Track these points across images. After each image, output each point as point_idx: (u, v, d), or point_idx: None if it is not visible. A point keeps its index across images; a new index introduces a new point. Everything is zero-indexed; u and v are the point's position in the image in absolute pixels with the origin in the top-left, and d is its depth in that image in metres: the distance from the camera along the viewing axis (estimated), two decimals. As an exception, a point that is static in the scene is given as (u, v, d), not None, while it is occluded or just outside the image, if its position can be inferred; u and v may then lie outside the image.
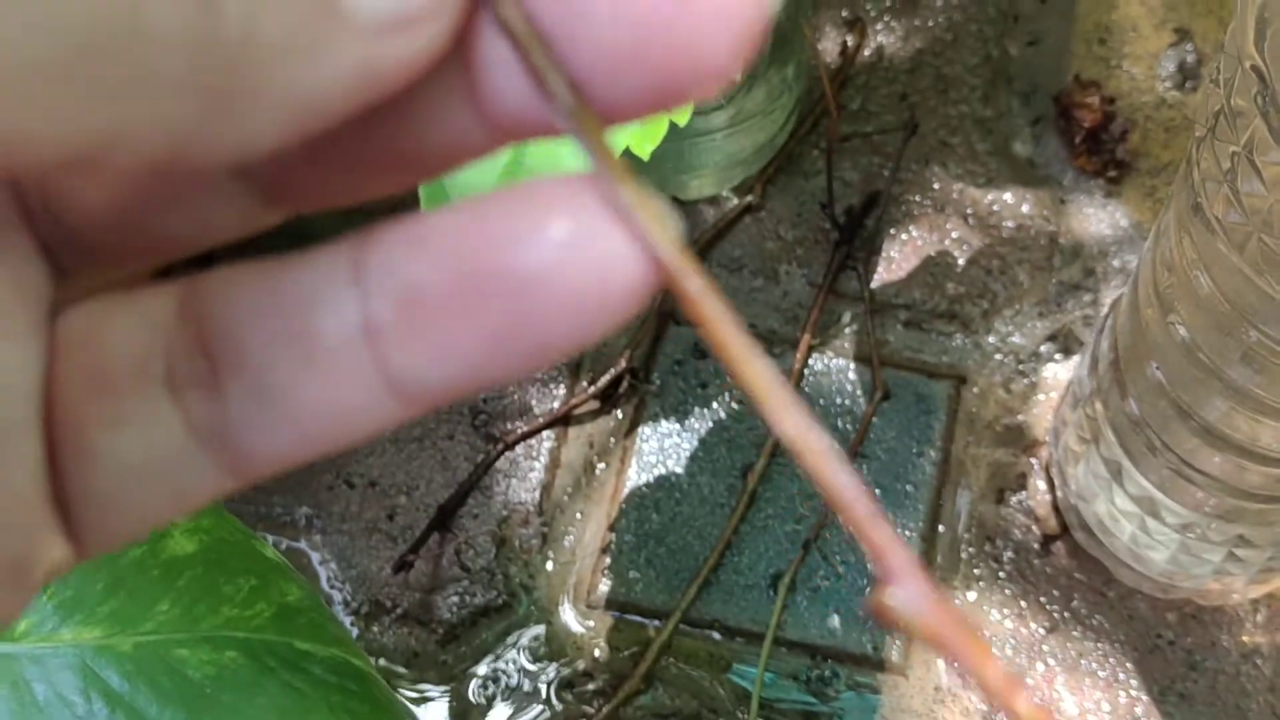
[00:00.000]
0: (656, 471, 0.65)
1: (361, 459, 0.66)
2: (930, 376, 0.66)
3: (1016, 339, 0.67)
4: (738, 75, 0.19)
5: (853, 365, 0.66)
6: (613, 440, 0.66)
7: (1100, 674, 0.61)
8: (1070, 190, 0.69)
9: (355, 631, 0.64)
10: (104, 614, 0.39)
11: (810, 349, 0.66)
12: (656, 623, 0.62)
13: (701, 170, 0.67)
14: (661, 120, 0.33)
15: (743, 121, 0.65)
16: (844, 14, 0.73)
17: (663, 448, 0.65)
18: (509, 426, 0.66)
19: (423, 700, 0.62)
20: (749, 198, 0.69)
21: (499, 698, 0.62)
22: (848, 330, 0.67)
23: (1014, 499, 0.64)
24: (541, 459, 0.66)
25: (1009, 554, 0.63)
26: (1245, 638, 0.61)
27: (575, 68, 0.15)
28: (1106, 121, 0.69)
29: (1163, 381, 0.50)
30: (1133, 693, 0.60)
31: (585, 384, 0.66)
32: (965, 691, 0.61)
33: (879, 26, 0.73)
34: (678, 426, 0.65)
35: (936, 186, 0.69)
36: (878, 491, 0.64)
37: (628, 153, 0.36)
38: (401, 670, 0.63)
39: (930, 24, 0.73)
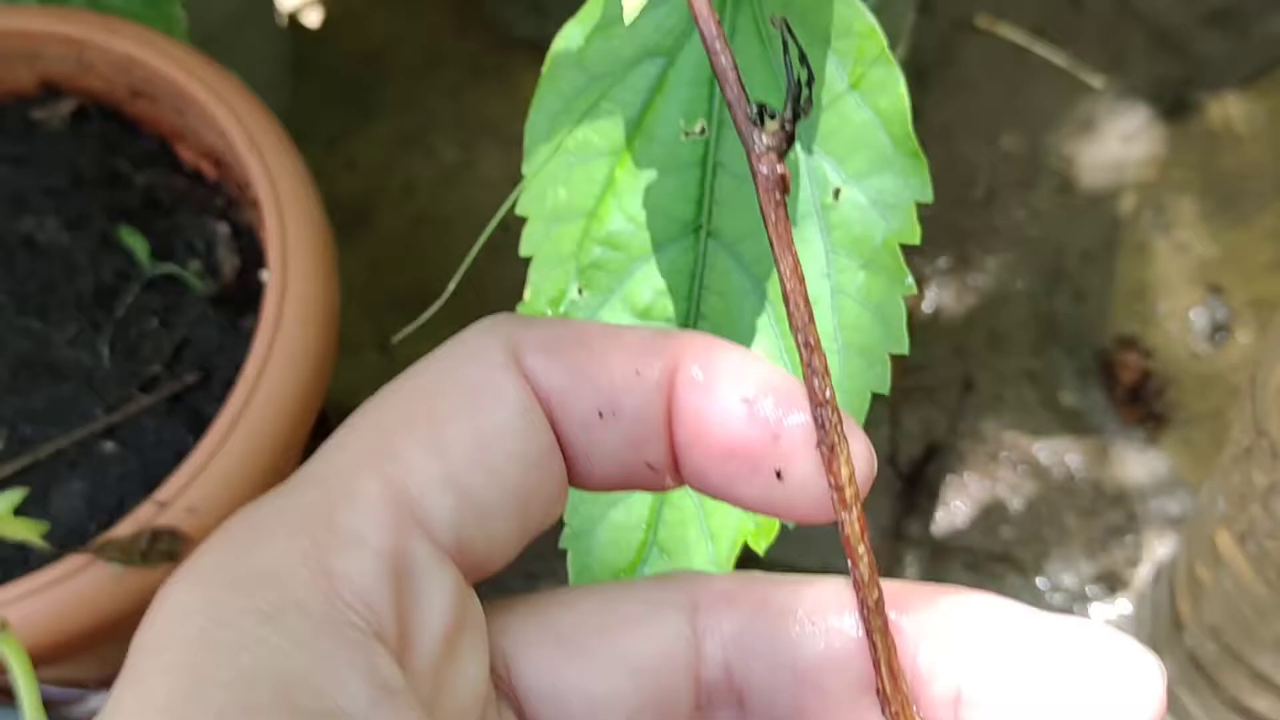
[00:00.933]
0: None
1: None
2: (987, 615, 0.72)
3: (1066, 580, 0.73)
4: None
5: (916, 605, 0.73)
6: None
7: None
8: (1113, 439, 0.76)
9: None
10: None
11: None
12: None
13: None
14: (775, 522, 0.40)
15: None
16: (903, 274, 0.80)
17: None
18: None
19: None
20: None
21: None
22: (911, 572, 0.74)
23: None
24: None
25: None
26: None
27: None
28: (1145, 378, 0.76)
29: (1216, 628, 0.56)
30: None
31: None
32: None
33: (935, 285, 0.80)
34: None
35: (991, 436, 0.76)
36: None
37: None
38: None
39: (982, 282, 0.80)
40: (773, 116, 0.22)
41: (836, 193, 0.40)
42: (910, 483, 0.75)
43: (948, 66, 0.85)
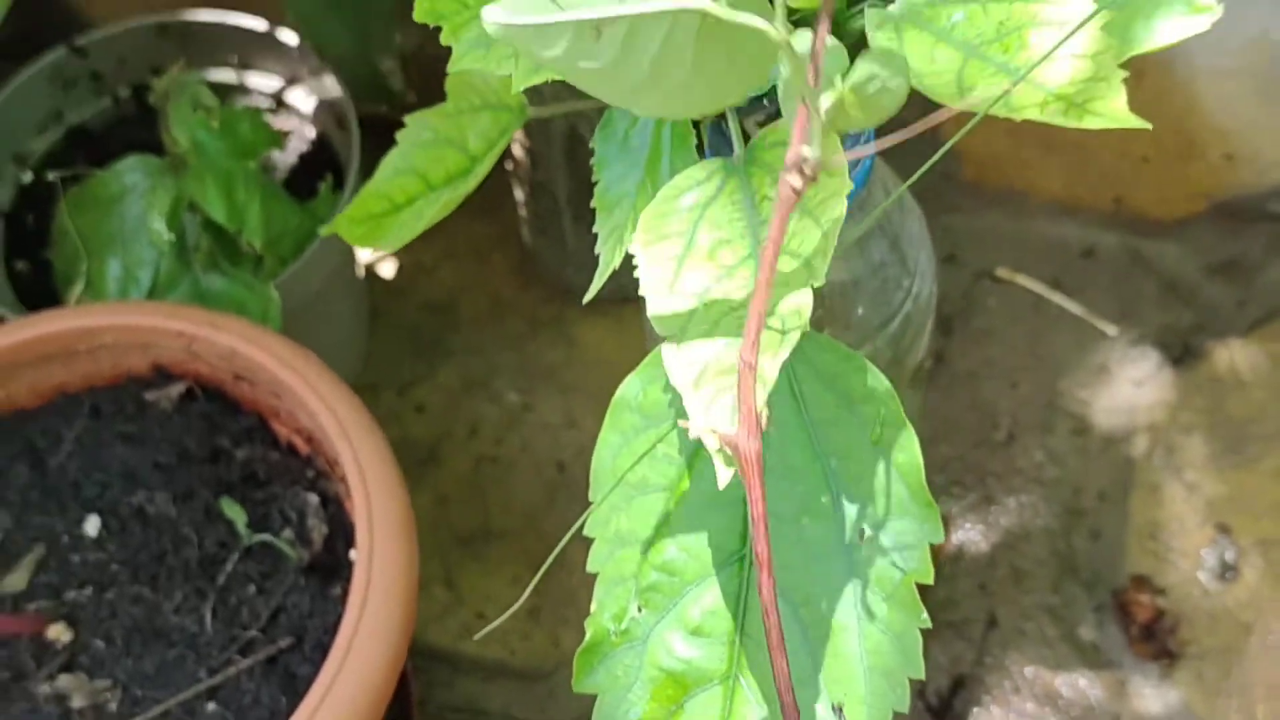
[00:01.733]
0: None
1: None
2: (1013, 844, 0.77)
3: (1087, 810, 0.78)
4: None
5: (946, 834, 0.78)
6: None
7: None
8: (1129, 673, 0.81)
9: None
10: None
11: (909, 819, 0.78)
12: None
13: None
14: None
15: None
16: (931, 512, 0.86)
17: None
18: None
19: None
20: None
21: None
22: (941, 801, 0.79)
23: None
24: None
25: None
26: None
27: None
28: (1158, 616, 0.82)
29: None
30: None
31: None
32: None
33: (961, 523, 0.86)
34: None
35: (1014, 669, 0.81)
36: None
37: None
38: None
39: (1004, 520, 0.86)
40: None
41: (862, 534, 0.47)
42: (938, 715, 0.80)
43: (971, 314, 0.92)
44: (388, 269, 0.96)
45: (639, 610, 0.49)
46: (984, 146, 0.95)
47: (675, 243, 0.42)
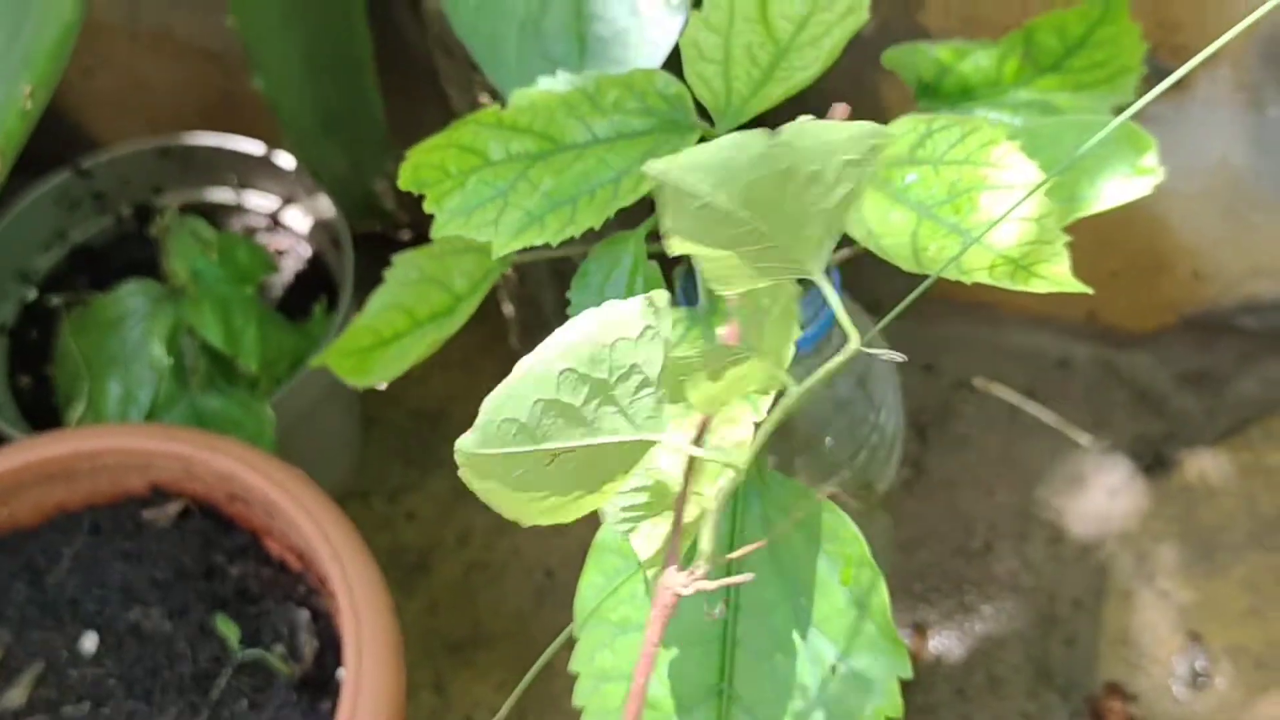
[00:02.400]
0: None
1: None
2: None
3: None
4: None
5: None
6: None
7: None
8: (1103, 780, 0.83)
9: None
10: None
11: None
12: None
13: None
14: None
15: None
16: (910, 619, 0.88)
17: None
18: None
19: None
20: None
21: None
22: None
23: None
24: None
25: None
26: None
27: None
28: (1130, 724, 0.84)
29: None
30: None
31: None
32: None
33: (938, 630, 0.88)
34: None
35: (991, 777, 0.83)
36: None
37: None
38: None
39: (980, 628, 0.88)
40: None
41: (833, 669, 0.49)
42: (917, 822, 0.82)
43: (948, 423, 0.95)
44: (380, 378, 0.98)
45: (622, 744, 0.51)
46: (960, 259, 0.98)
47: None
